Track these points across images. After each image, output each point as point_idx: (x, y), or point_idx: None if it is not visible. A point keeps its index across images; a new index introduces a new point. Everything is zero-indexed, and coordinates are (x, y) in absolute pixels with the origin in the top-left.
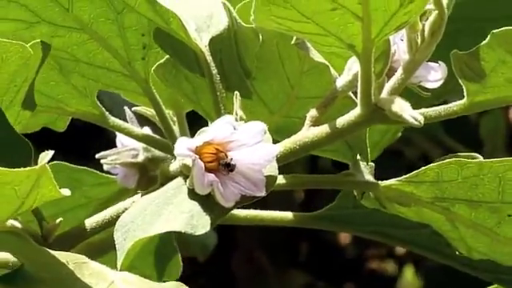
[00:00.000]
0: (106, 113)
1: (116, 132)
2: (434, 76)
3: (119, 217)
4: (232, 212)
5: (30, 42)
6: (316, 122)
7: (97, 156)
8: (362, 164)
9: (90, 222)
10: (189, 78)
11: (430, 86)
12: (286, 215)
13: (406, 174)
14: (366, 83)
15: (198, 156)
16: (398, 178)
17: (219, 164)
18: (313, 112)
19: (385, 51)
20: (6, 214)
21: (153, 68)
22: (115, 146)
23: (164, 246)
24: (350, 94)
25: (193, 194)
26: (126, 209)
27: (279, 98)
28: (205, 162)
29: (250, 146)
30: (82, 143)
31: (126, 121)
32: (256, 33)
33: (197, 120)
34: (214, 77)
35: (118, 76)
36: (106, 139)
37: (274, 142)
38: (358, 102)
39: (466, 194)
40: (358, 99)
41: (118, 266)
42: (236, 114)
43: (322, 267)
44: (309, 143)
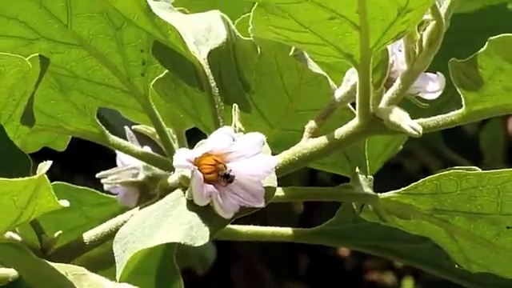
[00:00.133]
0: (106, 131)
1: (116, 151)
2: (432, 87)
3: (118, 230)
4: (233, 228)
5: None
6: (315, 134)
7: (97, 175)
8: (361, 177)
9: (89, 235)
10: (188, 92)
11: (428, 96)
12: (287, 231)
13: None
14: (364, 93)
15: (196, 167)
16: (397, 190)
17: (218, 175)
18: (311, 123)
19: (383, 61)
20: (4, 225)
21: (152, 83)
22: (115, 164)
23: (164, 266)
24: (349, 105)
25: (192, 205)
26: (125, 221)
27: (278, 111)
28: (204, 174)
29: (248, 157)
30: (82, 162)
31: (126, 139)
32: (254, 45)
33: (197, 137)
34: (213, 90)
35: (118, 92)
36: (106, 158)
37: (273, 155)
38: (356, 112)
39: (464, 205)
40: (356, 110)
41: (118, 277)
42: (235, 126)
43: (322, 279)
44: (308, 154)
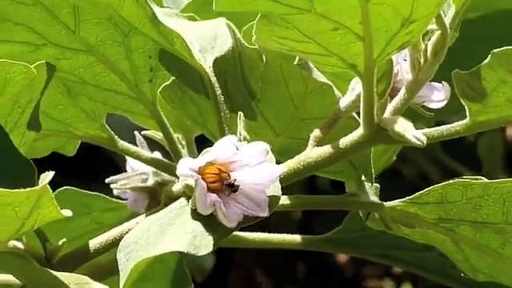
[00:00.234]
0: (115, 136)
1: (126, 156)
2: (437, 96)
3: (123, 237)
4: (240, 235)
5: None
6: (319, 143)
7: (107, 181)
8: (367, 185)
9: (94, 242)
10: (194, 99)
11: (433, 106)
12: (294, 238)
13: (405, 193)
14: (369, 103)
15: (200, 176)
16: (403, 199)
17: (222, 184)
18: (316, 132)
19: (387, 71)
20: (6, 236)
21: (159, 90)
22: (125, 170)
23: (177, 273)
24: (354, 114)
25: (195, 214)
26: (129, 229)
27: (284, 119)
28: (207, 183)
29: (252, 166)
30: (91, 167)
31: (135, 145)
32: (260, 54)
33: (207, 143)
34: (219, 97)
35: (126, 98)
36: (115, 164)
37: (278, 163)
38: (360, 122)
39: (470, 215)
40: (360, 119)
41: (121, 286)
42: (240, 135)
43: (320, 286)
44: (312, 163)
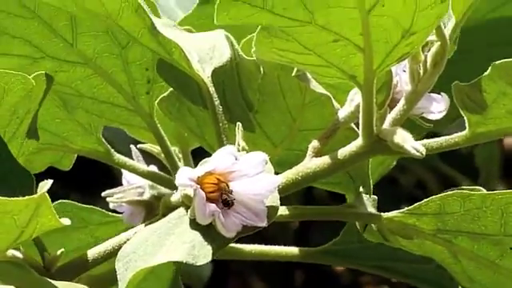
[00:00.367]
0: (112, 150)
1: (122, 170)
2: (436, 107)
3: (121, 247)
4: (237, 247)
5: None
6: (318, 153)
7: (103, 194)
8: (365, 196)
9: (92, 252)
10: (192, 110)
11: (432, 117)
12: (291, 250)
13: (403, 202)
14: (368, 114)
15: (199, 186)
16: (401, 210)
17: (221, 198)
18: (315, 143)
19: (387, 82)
20: (5, 244)
21: (157, 101)
22: (121, 184)
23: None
24: (352, 125)
25: (194, 224)
26: (127, 239)
27: (281, 131)
28: (206, 193)
29: (251, 176)
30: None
31: (131, 158)
32: (257, 65)
33: (202, 156)
34: (217, 108)
35: (123, 111)
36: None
37: (277, 174)
38: (359, 132)
39: (468, 226)
40: (359, 130)
41: None
42: (238, 145)
43: None
44: (311, 174)
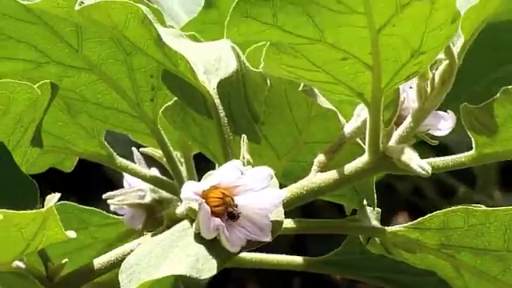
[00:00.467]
0: (114, 153)
1: (123, 173)
2: (443, 125)
3: (125, 258)
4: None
5: (39, 83)
6: (323, 168)
7: (104, 196)
8: (369, 209)
9: (96, 262)
10: (197, 120)
11: (438, 134)
12: (293, 259)
13: (400, 209)
14: (375, 131)
15: (204, 200)
16: (404, 225)
17: (226, 211)
18: (320, 157)
19: (394, 99)
20: (11, 256)
21: (161, 110)
22: (120, 186)
23: None
24: (358, 140)
25: (199, 237)
26: (131, 250)
27: (287, 143)
28: (211, 206)
29: (256, 190)
30: (89, 183)
31: (133, 161)
32: (264, 77)
33: (204, 161)
34: (222, 120)
35: (127, 117)
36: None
37: (282, 186)
38: (366, 149)
39: (471, 241)
40: (365, 146)
41: None
42: (243, 158)
43: None
44: (316, 189)
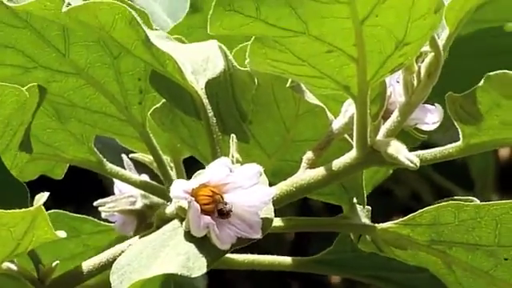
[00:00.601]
0: (104, 159)
1: (114, 179)
2: (430, 118)
3: (116, 260)
4: (230, 257)
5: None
6: (312, 165)
7: (95, 203)
8: (359, 207)
9: (87, 264)
10: (185, 122)
11: (426, 128)
12: (285, 260)
13: (398, 213)
14: (362, 125)
15: (193, 198)
16: (395, 221)
17: (216, 209)
18: (309, 154)
19: (381, 93)
20: (1, 257)
21: (149, 112)
22: (112, 193)
23: None
24: (346, 136)
25: (189, 236)
26: (122, 251)
27: (275, 141)
28: (201, 205)
29: (246, 188)
30: (80, 190)
31: (123, 167)
32: (251, 76)
33: (194, 165)
34: (211, 120)
35: (115, 121)
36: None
37: (271, 185)
38: (353, 144)
39: (462, 237)
40: (353, 141)
41: None
42: (232, 157)
43: None
44: (305, 185)
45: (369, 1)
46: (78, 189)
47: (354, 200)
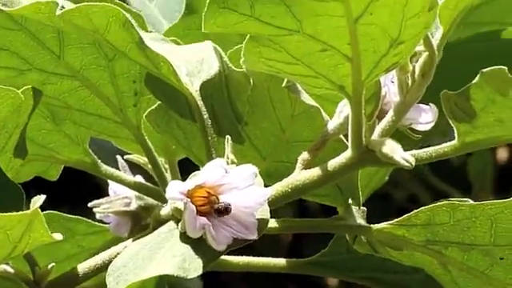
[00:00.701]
0: (98, 161)
1: (108, 180)
2: (424, 118)
3: (111, 261)
4: (225, 259)
5: (22, 88)
6: (308, 165)
7: (89, 205)
8: (354, 208)
9: (83, 267)
10: (180, 123)
11: (420, 128)
12: (279, 262)
13: (395, 217)
14: (357, 125)
15: (189, 199)
16: (390, 222)
17: (213, 209)
18: (304, 155)
19: (375, 93)
20: None
21: (144, 114)
22: (107, 194)
23: None
24: (341, 136)
25: (185, 237)
26: (118, 253)
27: (271, 142)
28: (196, 206)
29: (241, 189)
30: (75, 191)
31: (117, 169)
32: (247, 77)
33: (189, 167)
34: (206, 121)
35: (110, 123)
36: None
37: (266, 186)
38: (349, 144)
39: (458, 236)
40: (348, 141)
41: None
42: (227, 158)
43: None
44: (300, 186)
45: None
46: (73, 190)
47: (350, 201)
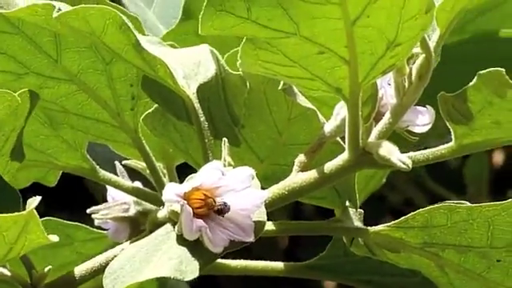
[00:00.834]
0: (97, 166)
1: (107, 186)
2: (421, 120)
3: (108, 264)
4: (222, 262)
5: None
6: (304, 168)
7: (88, 211)
8: (351, 210)
9: (80, 269)
10: (177, 126)
11: (417, 130)
12: (277, 265)
13: (392, 219)
14: (354, 127)
15: (186, 202)
16: (387, 224)
17: (212, 210)
18: (301, 157)
19: (372, 95)
20: None
21: (142, 117)
22: (105, 200)
23: None
24: (338, 139)
25: (181, 239)
26: (115, 256)
27: (267, 145)
28: (193, 208)
29: (238, 191)
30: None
31: (116, 175)
32: (243, 80)
33: (187, 172)
34: (202, 124)
35: (108, 127)
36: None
37: (263, 189)
38: (345, 146)
39: (455, 239)
40: (345, 144)
41: None
42: (224, 161)
43: None
44: (297, 188)
45: (360, 1)
46: (71, 196)
47: (347, 203)
